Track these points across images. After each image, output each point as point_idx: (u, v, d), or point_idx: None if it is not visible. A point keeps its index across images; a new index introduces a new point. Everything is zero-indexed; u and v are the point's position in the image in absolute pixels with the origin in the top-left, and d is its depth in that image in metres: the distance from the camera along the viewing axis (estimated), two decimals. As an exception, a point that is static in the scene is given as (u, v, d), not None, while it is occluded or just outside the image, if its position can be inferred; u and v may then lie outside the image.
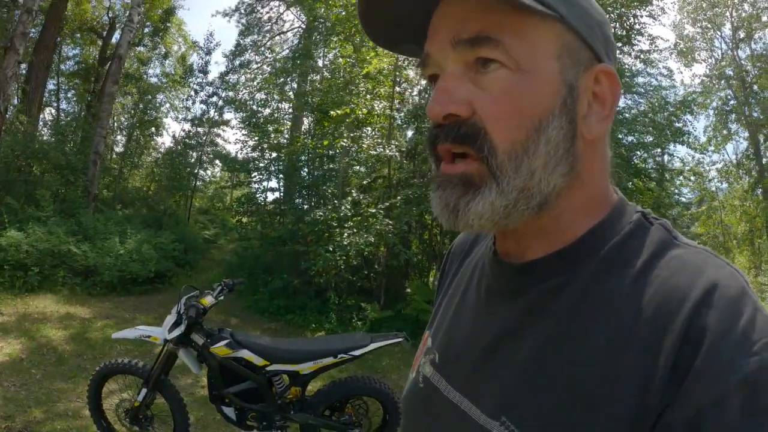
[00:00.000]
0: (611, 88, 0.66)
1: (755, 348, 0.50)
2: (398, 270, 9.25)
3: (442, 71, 0.63)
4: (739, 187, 24.78)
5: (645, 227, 0.65)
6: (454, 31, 0.61)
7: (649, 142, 12.55)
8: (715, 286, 0.54)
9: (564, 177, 0.63)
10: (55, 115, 17.48)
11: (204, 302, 3.37)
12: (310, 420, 3.55)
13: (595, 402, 0.55)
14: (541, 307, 0.64)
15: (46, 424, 4.08)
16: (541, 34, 0.60)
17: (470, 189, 0.61)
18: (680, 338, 0.52)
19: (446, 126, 0.62)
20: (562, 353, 0.60)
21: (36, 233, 8.66)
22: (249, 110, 13.18)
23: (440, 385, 0.74)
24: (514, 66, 0.59)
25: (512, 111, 0.60)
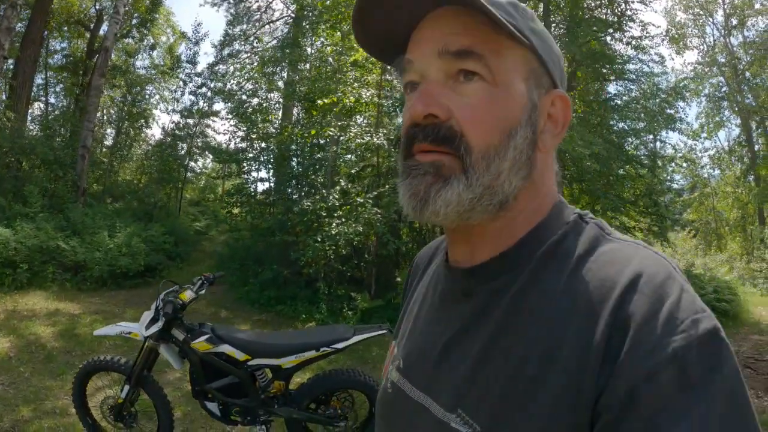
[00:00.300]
0: (564, 111, 0.76)
1: (682, 326, 0.54)
2: (388, 259, 9.24)
3: (423, 78, 0.71)
4: (731, 174, 24.92)
5: (580, 226, 0.72)
6: (443, 43, 0.68)
7: (641, 128, 12.56)
8: (641, 273, 0.60)
9: (523, 180, 0.70)
10: (43, 109, 17.36)
11: (183, 297, 3.35)
12: (295, 414, 3.54)
13: (533, 390, 0.60)
14: (487, 307, 0.70)
15: (34, 423, 4.07)
16: (515, 57, 0.70)
17: (440, 178, 0.67)
18: (610, 324, 0.57)
19: (426, 126, 0.68)
20: (505, 349, 0.65)
21: (24, 230, 8.63)
22: (237, 101, 13.09)
23: (405, 387, 0.80)
24: (491, 80, 0.68)
25: (488, 118, 0.67)
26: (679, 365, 0.53)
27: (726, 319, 9.93)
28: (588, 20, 11.84)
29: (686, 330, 0.54)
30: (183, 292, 3.39)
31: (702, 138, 26.00)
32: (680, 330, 0.54)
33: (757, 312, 11.32)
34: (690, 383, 0.52)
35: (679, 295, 0.57)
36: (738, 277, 16.31)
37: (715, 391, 0.52)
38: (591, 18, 12.00)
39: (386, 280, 9.44)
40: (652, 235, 13.53)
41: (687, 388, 0.52)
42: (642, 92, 13.12)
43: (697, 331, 0.54)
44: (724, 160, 26.05)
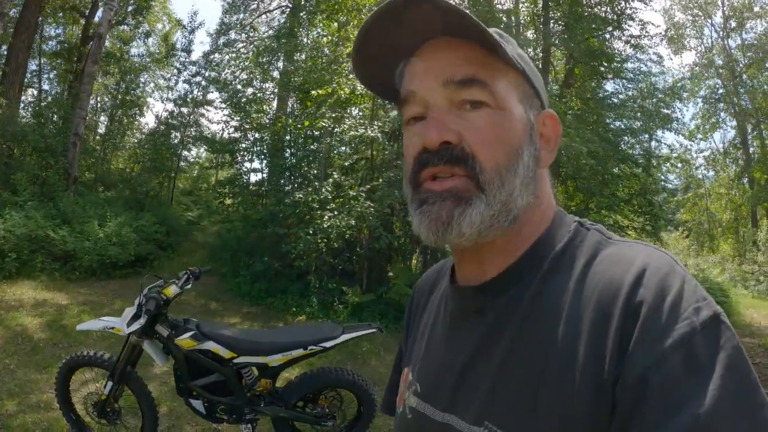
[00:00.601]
0: (554, 129, 0.82)
1: (685, 314, 0.59)
2: (380, 253, 9.20)
3: (428, 108, 0.74)
4: (725, 176, 25.06)
5: (582, 234, 0.76)
6: (448, 74, 0.72)
7: (637, 127, 12.58)
8: (645, 269, 0.64)
9: (532, 196, 0.75)
10: (36, 96, 17.21)
11: (167, 292, 3.27)
12: (282, 413, 3.48)
13: (555, 392, 0.63)
14: (502, 321, 0.73)
15: (18, 417, 4.02)
16: (511, 82, 0.75)
17: (461, 201, 0.70)
18: (621, 317, 0.61)
19: (439, 151, 0.71)
20: (523, 357, 0.68)
21: (13, 218, 8.55)
22: (231, 90, 13.00)
23: (426, 411, 0.82)
24: (495, 105, 0.72)
25: (496, 140, 0.71)
26: (685, 350, 0.56)
27: (717, 322, 9.99)
28: (587, 17, 11.80)
29: (689, 317, 0.58)
30: (167, 287, 3.31)
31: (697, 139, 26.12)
32: (684, 317, 0.58)
33: (749, 314, 11.39)
34: (696, 366, 0.56)
35: (681, 285, 0.61)
36: (730, 278, 16.39)
37: (721, 371, 0.55)
38: (590, 15, 11.95)
39: (378, 274, 9.41)
40: (645, 234, 13.56)
41: (693, 371, 0.56)
42: (639, 91, 13.12)
43: (699, 318, 0.58)
44: (718, 161, 26.20)
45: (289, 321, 7.93)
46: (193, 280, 3.48)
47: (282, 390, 3.58)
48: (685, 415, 0.53)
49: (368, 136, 9.06)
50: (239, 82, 14.27)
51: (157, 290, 3.27)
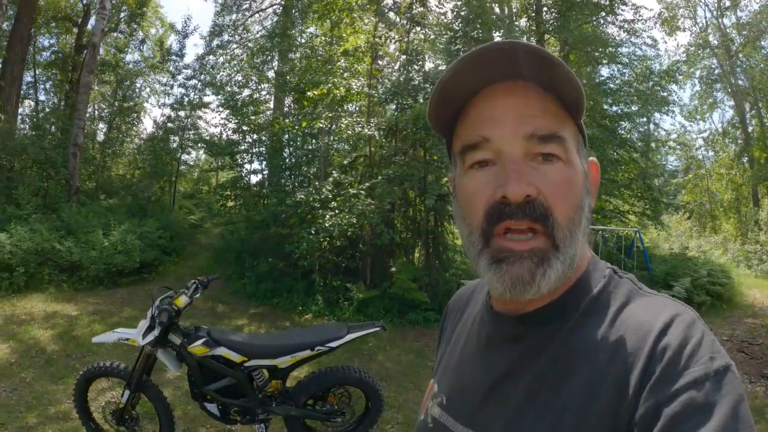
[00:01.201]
0: (595, 174, 0.85)
1: (701, 360, 0.65)
2: (383, 249, 9.28)
3: (501, 156, 0.74)
4: (725, 156, 24.89)
5: (616, 281, 0.81)
6: (532, 127, 0.73)
7: (634, 111, 12.58)
8: (673, 318, 0.70)
9: (584, 242, 0.80)
10: (33, 107, 17.24)
11: (178, 303, 3.39)
12: (293, 411, 3.61)
13: (579, 419, 0.68)
14: (537, 350, 0.78)
15: (38, 429, 4.12)
16: (571, 132, 0.78)
17: (542, 261, 0.73)
18: (647, 358, 0.67)
19: (522, 205, 0.72)
20: (553, 385, 0.73)
21: (19, 232, 8.65)
22: (227, 93, 13.04)
23: (448, 423, 0.86)
24: (566, 159, 0.75)
25: (568, 195, 0.75)
26: (696, 390, 0.62)
27: (720, 302, 10.00)
28: (580, 3, 11.81)
29: (705, 363, 0.64)
30: (178, 298, 3.43)
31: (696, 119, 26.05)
32: (700, 363, 0.64)
33: (752, 294, 11.33)
34: (704, 405, 0.61)
35: (701, 336, 0.68)
36: (732, 259, 16.35)
37: (725, 412, 0.61)
38: (583, 1, 11.96)
39: (381, 269, 9.48)
40: (646, 218, 13.60)
41: (701, 408, 0.61)
42: (635, 75, 13.12)
43: (713, 365, 0.64)
44: (717, 141, 26.08)
45: (295, 320, 8.01)
46: (201, 289, 3.59)
47: (292, 390, 3.70)
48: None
49: (366, 134, 9.13)
50: (235, 84, 14.29)
51: (168, 301, 3.39)
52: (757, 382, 5.98)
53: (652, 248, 13.96)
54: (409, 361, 6.35)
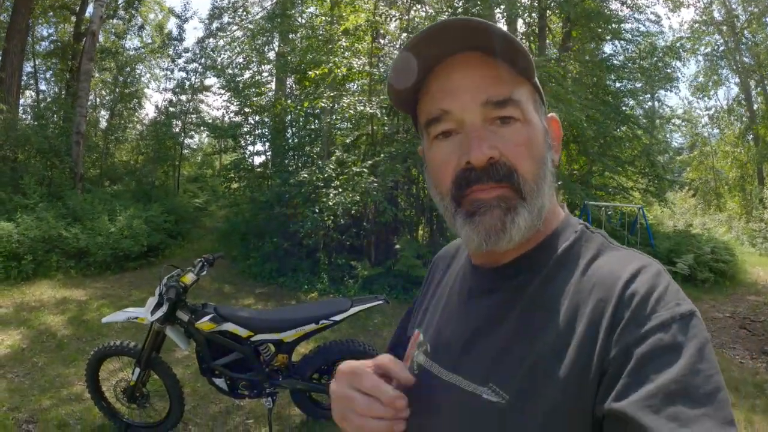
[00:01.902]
0: (557, 130, 0.91)
1: (668, 305, 0.70)
2: (387, 226, 9.31)
3: (462, 125, 0.80)
4: (731, 134, 24.67)
5: (587, 235, 0.86)
6: (485, 94, 0.78)
7: (638, 88, 12.48)
8: (640, 268, 0.75)
9: (552, 196, 0.85)
10: (34, 97, 17.24)
11: (185, 280, 3.45)
12: (299, 385, 3.69)
13: (554, 362, 0.73)
14: (513, 300, 0.83)
15: (52, 411, 4.20)
16: (528, 92, 0.82)
17: (510, 208, 0.78)
18: (616, 303, 0.72)
19: (486, 168, 0.77)
20: (529, 332, 0.78)
21: (26, 221, 8.72)
22: (228, 75, 13.00)
23: (432, 369, 0.90)
24: (523, 119, 0.80)
25: (529, 152, 0.79)
26: (663, 332, 0.67)
27: (723, 279, 10.04)
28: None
29: (671, 308, 0.69)
30: (185, 276, 3.49)
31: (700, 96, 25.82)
32: (667, 308, 0.69)
33: (755, 272, 11.34)
34: (671, 345, 0.66)
35: (666, 285, 0.73)
36: (736, 237, 16.31)
37: (691, 351, 0.65)
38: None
39: (385, 247, 9.51)
40: (649, 195, 13.56)
41: (668, 348, 0.66)
42: (638, 52, 13.02)
43: (679, 310, 0.69)
44: (722, 119, 25.87)
45: (301, 299, 8.07)
46: (207, 266, 3.66)
47: (298, 364, 3.79)
48: (659, 380, 0.63)
49: (368, 113, 9.13)
50: (236, 66, 14.24)
51: (175, 279, 3.46)
52: (759, 358, 6.04)
53: (656, 225, 13.95)
54: (414, 337, 6.40)
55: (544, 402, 0.73)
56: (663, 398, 0.62)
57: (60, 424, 4.00)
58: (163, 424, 3.78)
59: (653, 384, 0.64)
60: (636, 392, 0.64)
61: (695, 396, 0.63)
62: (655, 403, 0.62)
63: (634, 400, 0.64)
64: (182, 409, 3.73)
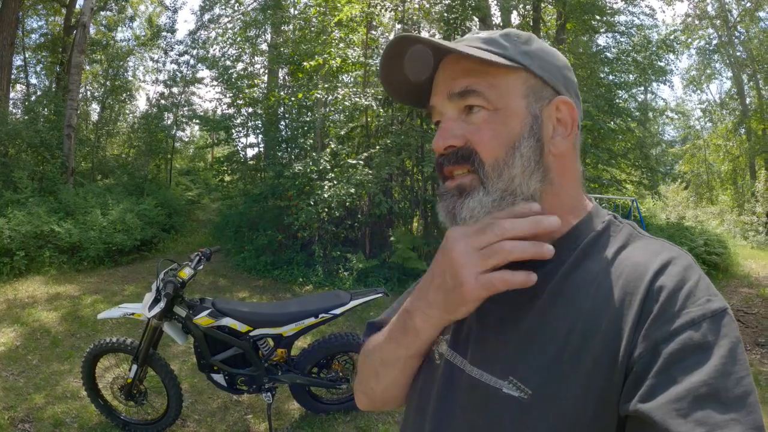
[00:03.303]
0: (570, 113, 0.86)
1: (699, 302, 0.68)
2: (381, 218, 9.29)
3: (442, 117, 0.87)
4: (723, 127, 24.82)
5: (616, 225, 0.86)
6: (449, 87, 0.84)
7: (631, 81, 12.51)
8: (670, 260, 0.74)
9: (540, 182, 0.83)
10: (25, 91, 17.06)
11: (182, 275, 3.40)
12: (298, 379, 3.67)
13: (577, 356, 0.72)
14: (535, 291, 0.80)
15: (47, 409, 4.14)
16: (511, 80, 0.83)
17: (463, 194, 0.82)
18: (644, 296, 0.70)
19: (447, 154, 0.85)
20: (552, 323, 0.77)
21: (17, 217, 8.61)
22: (221, 67, 12.90)
23: (455, 360, 0.89)
24: (491, 107, 0.82)
25: (492, 136, 0.81)
26: (693, 330, 0.65)
27: (716, 272, 10.11)
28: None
29: (702, 305, 0.68)
30: (182, 270, 3.44)
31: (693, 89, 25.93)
32: (698, 304, 0.68)
33: (747, 265, 11.43)
34: (701, 344, 0.64)
35: (697, 279, 0.71)
36: (728, 230, 16.42)
37: (722, 352, 0.64)
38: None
39: (380, 239, 9.51)
40: (643, 187, 13.62)
41: (698, 348, 0.64)
42: (632, 45, 13.03)
43: (711, 306, 0.68)
44: (715, 112, 26.01)
45: (296, 291, 8.04)
46: (205, 260, 3.62)
47: (297, 358, 3.77)
48: (687, 381, 0.62)
49: (362, 104, 9.08)
50: (228, 58, 14.14)
51: (172, 273, 3.41)
52: (753, 350, 6.08)
53: (649, 217, 14.02)
54: (411, 329, 6.38)
55: (567, 398, 0.72)
56: (691, 401, 0.61)
57: (56, 422, 3.95)
58: (162, 421, 3.74)
59: (681, 386, 0.62)
60: (663, 394, 0.63)
61: (725, 399, 0.61)
62: (683, 407, 0.61)
63: (662, 402, 0.62)
64: (180, 406, 3.69)
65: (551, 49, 0.88)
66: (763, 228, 16.52)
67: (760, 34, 21.88)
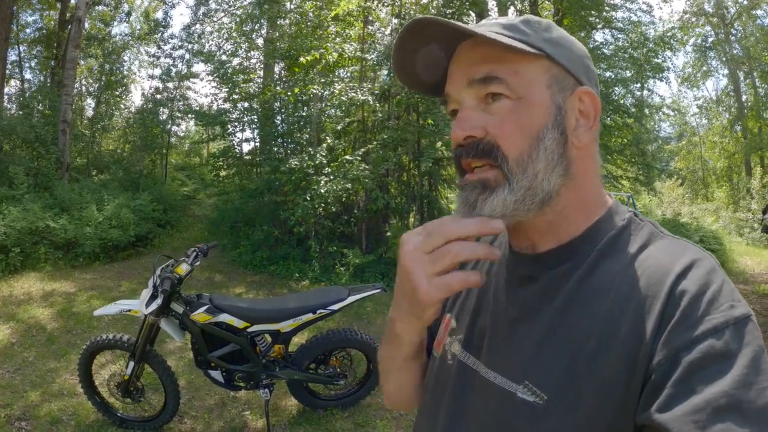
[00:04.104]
0: (593, 104, 0.83)
1: (722, 308, 0.65)
2: (378, 214, 9.29)
3: (459, 105, 0.82)
4: (719, 124, 24.88)
5: (637, 223, 0.82)
6: (469, 73, 0.79)
7: (628, 77, 12.52)
8: (693, 262, 0.70)
9: (562, 177, 0.79)
10: (19, 86, 16.94)
11: (179, 271, 3.38)
12: (296, 375, 3.67)
13: (595, 361, 0.70)
14: (553, 290, 0.80)
15: (44, 407, 4.12)
16: (534, 69, 0.78)
17: (487, 189, 0.77)
18: (665, 300, 0.67)
19: (467, 145, 0.80)
20: (569, 326, 0.75)
21: (12, 213, 8.54)
22: (217, 61, 12.84)
23: (468, 361, 0.89)
24: (514, 96, 0.77)
25: (516, 129, 0.77)
26: (716, 338, 0.62)
27: (711, 268, 10.11)
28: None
29: (725, 311, 0.64)
30: (179, 266, 3.42)
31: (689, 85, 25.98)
32: (720, 310, 0.64)
33: (743, 262, 11.48)
34: (723, 353, 0.61)
35: (721, 284, 0.68)
36: (724, 226, 16.48)
37: (744, 362, 0.61)
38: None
39: (377, 234, 9.51)
40: (638, 183, 13.65)
41: (720, 357, 0.61)
42: (629, 41, 13.03)
43: (734, 313, 0.64)
44: (711, 110, 26.09)
45: (292, 287, 8.03)
46: (202, 256, 3.60)
47: (294, 354, 3.76)
48: (707, 392, 0.59)
49: (359, 99, 9.06)
50: (224, 52, 14.07)
51: (169, 270, 3.39)
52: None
53: (645, 214, 14.05)
54: (408, 324, 6.38)
55: (584, 405, 0.70)
56: (711, 413, 0.58)
57: (53, 420, 3.94)
58: (159, 417, 3.73)
59: (700, 396, 0.59)
60: (682, 404, 0.60)
61: (746, 412, 0.58)
62: (702, 419, 0.58)
63: (680, 413, 0.60)
64: (178, 402, 3.69)
65: (571, 38, 0.84)
66: (758, 225, 16.58)
67: (757, 31, 21.92)
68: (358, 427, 3.99)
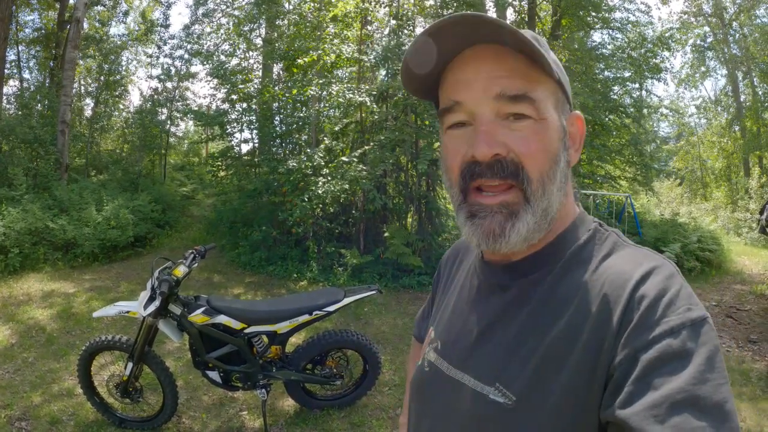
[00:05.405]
0: (580, 129, 0.88)
1: (679, 310, 0.68)
2: (376, 214, 9.31)
3: (474, 118, 0.79)
4: (717, 124, 24.84)
5: (601, 233, 0.86)
6: (499, 88, 0.76)
7: (627, 77, 12.52)
8: (652, 269, 0.74)
9: (563, 195, 0.83)
10: (18, 87, 16.93)
11: (177, 273, 3.42)
12: (293, 376, 3.70)
13: (561, 364, 0.73)
14: (524, 297, 0.84)
15: (44, 408, 4.15)
16: (548, 90, 0.80)
17: (512, 215, 0.78)
18: (625, 305, 0.71)
19: (491, 164, 0.77)
20: (538, 331, 0.78)
21: (11, 214, 8.57)
22: (215, 62, 12.85)
23: (442, 366, 0.92)
24: (537, 117, 0.77)
25: (540, 150, 0.78)
26: (672, 338, 0.66)
27: (710, 268, 10.13)
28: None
29: (682, 313, 0.68)
30: (176, 268, 3.46)
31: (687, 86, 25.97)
32: (677, 313, 0.68)
33: (741, 262, 11.45)
34: (680, 352, 0.65)
35: (679, 288, 0.71)
36: (722, 226, 16.46)
37: (700, 360, 0.64)
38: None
39: (374, 235, 9.52)
40: (637, 183, 13.65)
41: (677, 356, 0.65)
42: (628, 42, 13.04)
43: (690, 315, 0.68)
44: (709, 109, 26.07)
45: (290, 287, 8.04)
46: (199, 258, 3.64)
47: (291, 355, 3.80)
48: (665, 388, 0.62)
49: (357, 100, 9.09)
50: (222, 53, 14.08)
51: (167, 272, 3.43)
52: (745, 346, 6.10)
53: (643, 213, 14.05)
54: (404, 325, 6.42)
55: (549, 405, 0.73)
56: (669, 407, 0.61)
57: (53, 420, 3.96)
58: (157, 417, 3.77)
59: (659, 392, 0.63)
60: (641, 400, 0.64)
61: (702, 407, 0.61)
62: (661, 413, 0.61)
63: (639, 409, 0.63)
64: (176, 403, 3.73)
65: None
66: (756, 225, 16.58)
67: (756, 31, 21.91)
68: (354, 427, 4.03)
